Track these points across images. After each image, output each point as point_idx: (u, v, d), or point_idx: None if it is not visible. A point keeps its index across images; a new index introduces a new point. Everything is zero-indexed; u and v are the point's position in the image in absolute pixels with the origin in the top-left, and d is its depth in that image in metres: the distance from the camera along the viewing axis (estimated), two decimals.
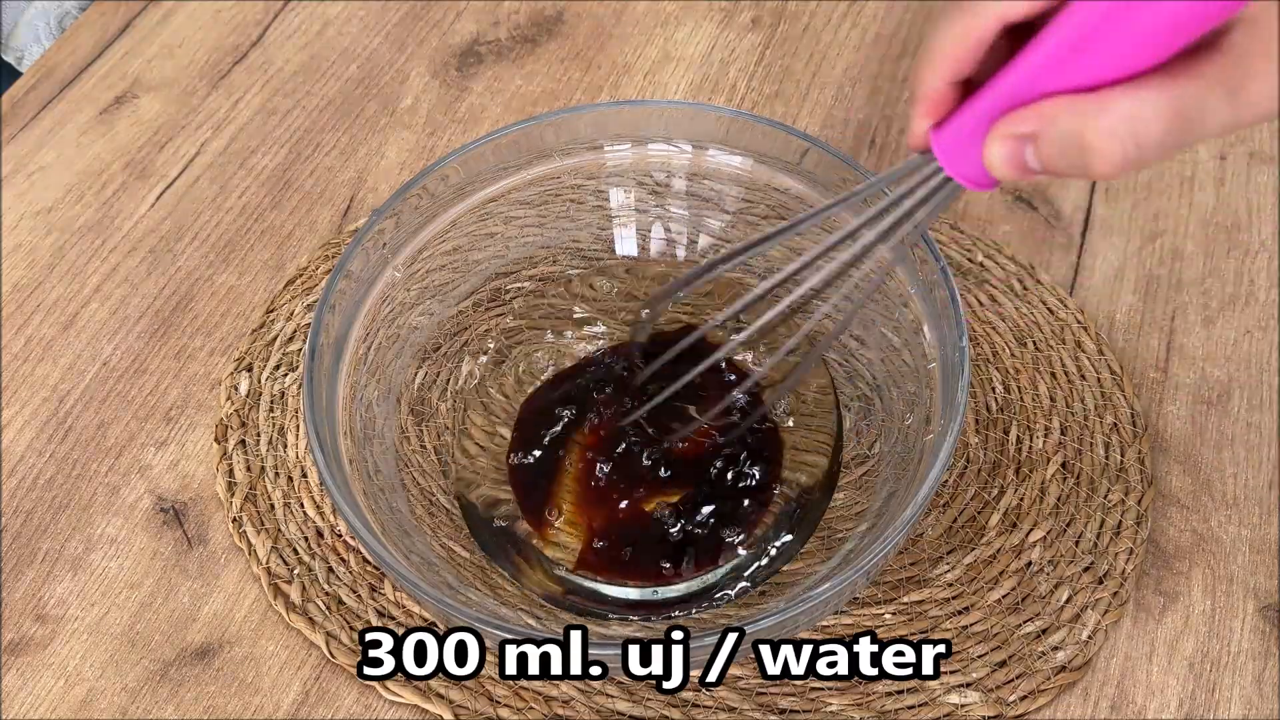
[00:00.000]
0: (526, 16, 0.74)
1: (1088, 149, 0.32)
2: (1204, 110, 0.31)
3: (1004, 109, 0.34)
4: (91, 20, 0.74)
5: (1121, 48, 0.30)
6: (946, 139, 0.36)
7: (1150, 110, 0.31)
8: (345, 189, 0.66)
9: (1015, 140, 0.33)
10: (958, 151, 0.36)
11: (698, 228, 0.57)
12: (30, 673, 0.50)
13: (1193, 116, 0.31)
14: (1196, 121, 0.31)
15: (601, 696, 0.49)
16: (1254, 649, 0.50)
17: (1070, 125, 0.32)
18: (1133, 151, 0.31)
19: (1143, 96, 0.31)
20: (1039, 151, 0.33)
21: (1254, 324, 0.60)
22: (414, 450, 0.53)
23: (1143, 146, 0.31)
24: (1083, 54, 0.31)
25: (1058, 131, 0.32)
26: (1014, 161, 0.34)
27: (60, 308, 0.61)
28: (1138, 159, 0.32)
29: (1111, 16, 0.30)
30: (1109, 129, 0.31)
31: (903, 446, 0.50)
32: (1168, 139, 0.31)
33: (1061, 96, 0.32)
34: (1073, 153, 0.32)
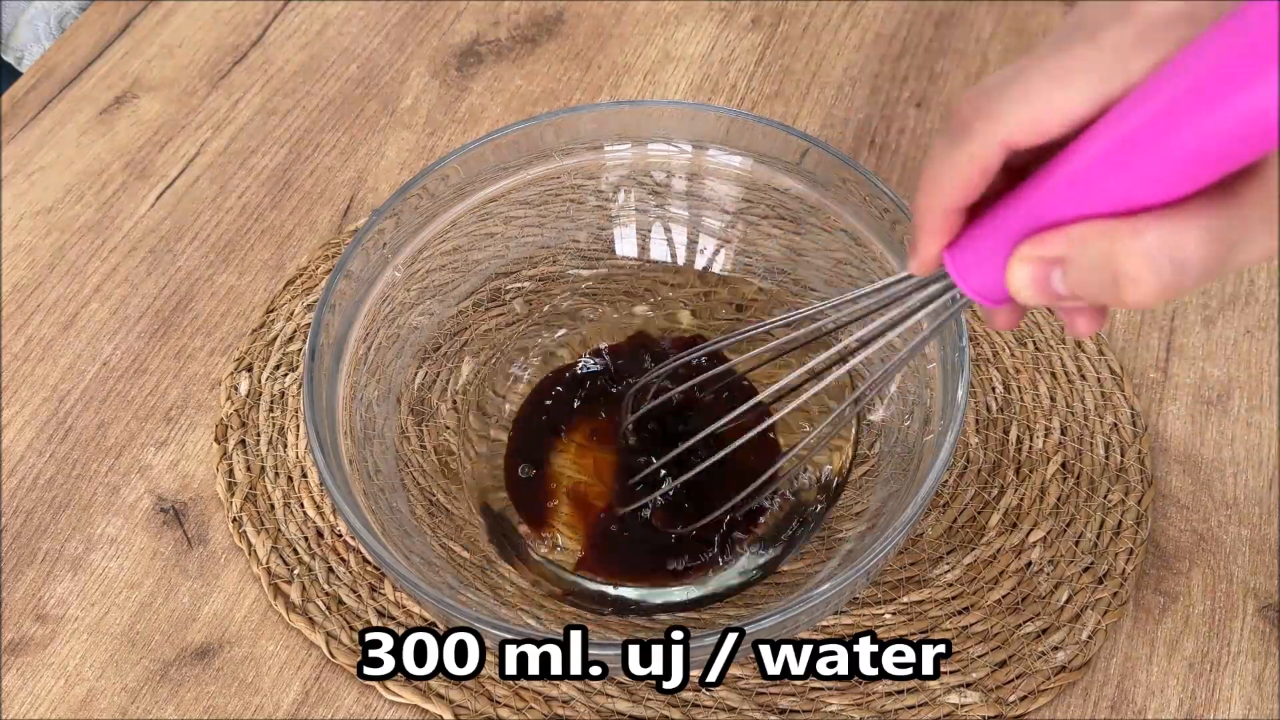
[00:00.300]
0: (526, 16, 0.74)
1: (1121, 275, 0.30)
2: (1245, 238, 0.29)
3: (1026, 229, 0.32)
4: (91, 20, 0.74)
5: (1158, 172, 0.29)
6: (961, 258, 0.35)
7: (1190, 237, 0.29)
8: (345, 189, 0.66)
9: (1041, 264, 0.32)
10: (974, 270, 0.35)
11: (698, 228, 0.57)
12: (30, 673, 0.50)
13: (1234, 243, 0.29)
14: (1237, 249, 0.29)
15: (601, 696, 0.49)
16: (1254, 649, 0.50)
17: (1102, 250, 0.30)
18: (1169, 279, 0.29)
19: (1181, 222, 0.29)
20: (1067, 276, 0.31)
21: (1254, 324, 0.60)
22: (414, 450, 0.53)
23: (1180, 274, 0.29)
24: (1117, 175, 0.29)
25: (1088, 256, 0.30)
26: (1039, 285, 0.32)
27: (60, 308, 0.61)
28: (1175, 286, 0.30)
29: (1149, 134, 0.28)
30: (1144, 255, 0.29)
31: (903, 446, 0.50)
32: (1207, 267, 0.29)
33: (1094, 220, 0.30)
34: (1105, 279, 0.30)
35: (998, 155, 0.32)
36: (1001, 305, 0.35)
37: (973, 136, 0.32)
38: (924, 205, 0.35)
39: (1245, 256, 0.30)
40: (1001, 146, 0.32)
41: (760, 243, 0.56)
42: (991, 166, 0.33)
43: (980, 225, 0.34)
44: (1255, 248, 0.30)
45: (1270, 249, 0.30)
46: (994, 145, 0.32)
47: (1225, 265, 0.30)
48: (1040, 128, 0.31)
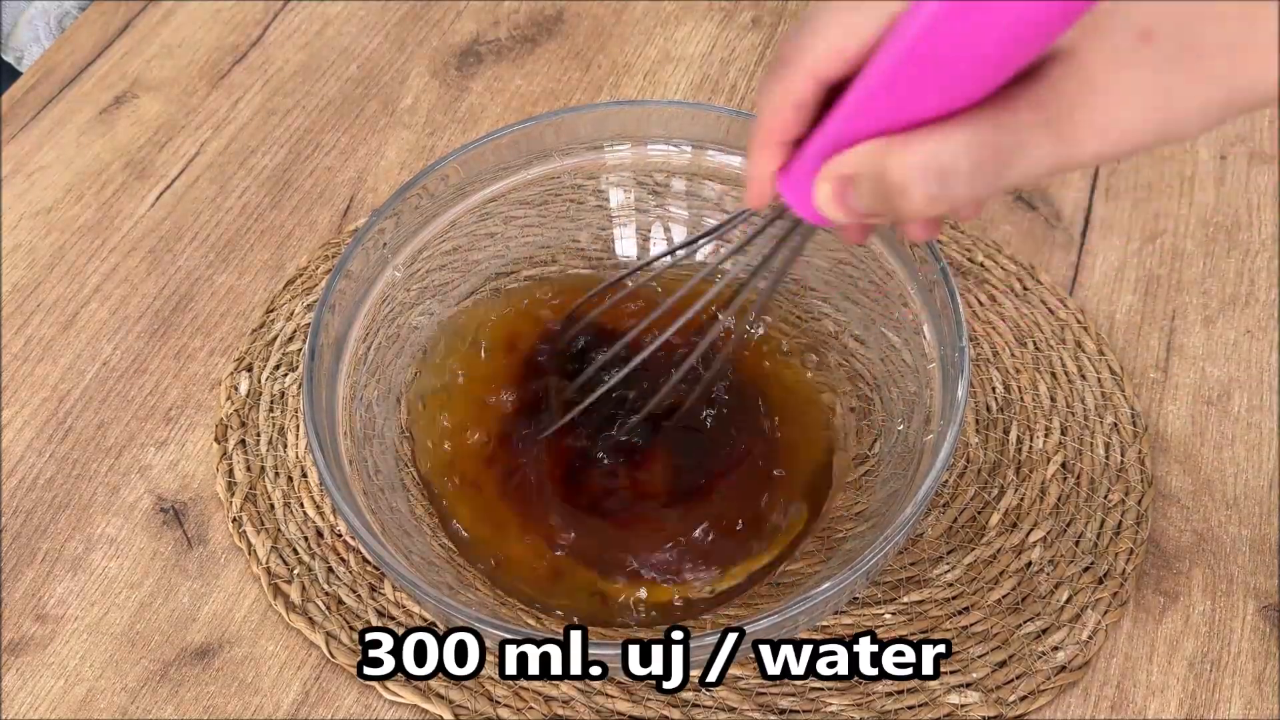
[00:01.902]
0: (526, 16, 0.74)
1: (892, 188, 0.31)
2: (1021, 145, 0.29)
3: (832, 150, 0.33)
4: (91, 20, 0.74)
5: (931, 84, 0.29)
6: (790, 181, 0.36)
7: (957, 146, 0.30)
8: (345, 189, 0.66)
9: (838, 180, 0.33)
10: (801, 191, 0.36)
11: (697, 228, 0.57)
12: (30, 672, 0.50)
13: (1006, 151, 0.29)
14: (1013, 157, 0.29)
15: (601, 696, 0.49)
16: (1254, 649, 0.50)
17: (877, 164, 0.31)
18: (935, 189, 0.30)
19: (949, 132, 0.30)
20: (857, 192, 0.33)
21: (1254, 324, 0.60)
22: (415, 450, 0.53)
23: (946, 183, 0.30)
24: (894, 93, 0.30)
25: (868, 171, 0.32)
26: (840, 202, 0.33)
27: (60, 308, 0.61)
28: (943, 196, 0.30)
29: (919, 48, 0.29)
30: (912, 166, 0.30)
31: (903, 446, 0.50)
32: (978, 176, 0.30)
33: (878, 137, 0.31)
34: (881, 192, 0.31)
35: (808, 87, 0.33)
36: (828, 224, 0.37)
37: (784, 71, 0.33)
38: (751, 136, 0.36)
39: (1027, 165, 0.30)
40: (809, 77, 0.33)
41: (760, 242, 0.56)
42: (805, 99, 0.34)
43: (803, 150, 0.35)
44: (1036, 155, 0.29)
45: (1059, 157, 0.30)
46: (802, 77, 0.33)
47: (999, 176, 0.30)
48: (841, 55, 0.32)
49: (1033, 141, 0.29)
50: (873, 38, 0.31)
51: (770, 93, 0.34)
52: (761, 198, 0.38)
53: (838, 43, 0.32)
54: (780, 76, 0.34)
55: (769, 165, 0.36)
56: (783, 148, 0.36)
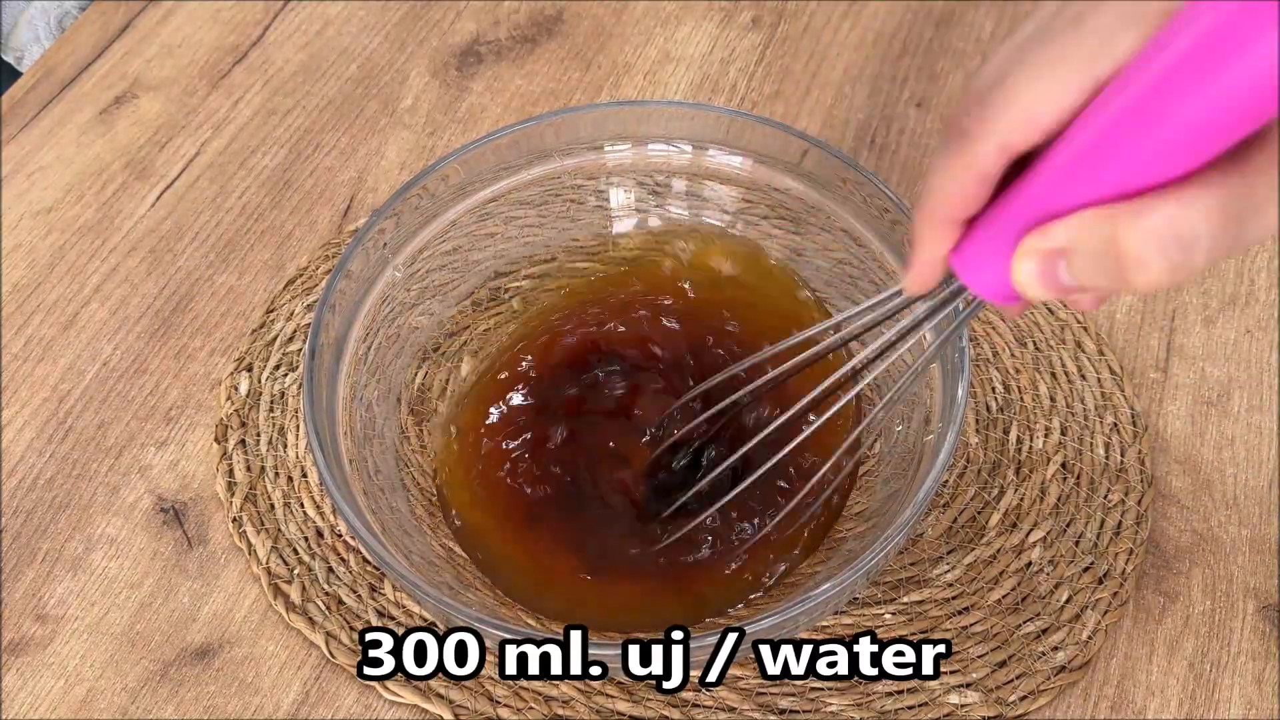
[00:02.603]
0: (526, 16, 0.74)
1: (1126, 259, 0.29)
2: (1255, 209, 0.28)
3: (1029, 223, 0.31)
4: (91, 20, 0.74)
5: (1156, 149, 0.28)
6: (967, 258, 0.34)
7: (1196, 212, 0.28)
8: (345, 189, 0.66)
9: (1045, 256, 0.31)
10: (979, 270, 0.34)
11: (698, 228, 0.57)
12: (30, 673, 0.50)
13: (1243, 216, 0.28)
14: (1248, 222, 0.28)
15: (601, 696, 0.49)
16: (1254, 649, 0.50)
17: (1105, 235, 0.29)
18: (1177, 258, 0.28)
19: (1185, 199, 0.28)
20: (1072, 267, 0.30)
21: (1254, 324, 0.60)
22: (414, 450, 0.53)
23: (1188, 252, 0.28)
24: (1113, 157, 0.28)
25: (1091, 244, 0.29)
26: (1046, 279, 0.31)
27: (60, 308, 0.61)
28: (1184, 265, 0.28)
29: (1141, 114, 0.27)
30: (1148, 235, 0.28)
31: (903, 446, 0.50)
32: (1216, 242, 0.28)
33: (1095, 207, 0.29)
34: (1110, 265, 0.29)
35: (996, 160, 0.31)
36: (1011, 303, 0.35)
37: (969, 144, 0.31)
38: (925, 217, 0.34)
39: (1257, 230, 0.28)
40: (999, 150, 0.31)
41: (760, 243, 0.56)
42: (990, 173, 0.32)
43: (983, 224, 0.33)
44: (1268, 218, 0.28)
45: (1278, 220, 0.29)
46: (991, 151, 0.31)
47: (1237, 240, 0.28)
48: (1035, 125, 0.30)
49: (1264, 206, 0.28)
50: (1074, 105, 0.30)
51: (948, 169, 0.32)
52: (928, 281, 0.36)
53: (1034, 112, 0.30)
54: (962, 149, 0.31)
55: (943, 246, 0.34)
56: (959, 227, 0.34)
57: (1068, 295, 0.32)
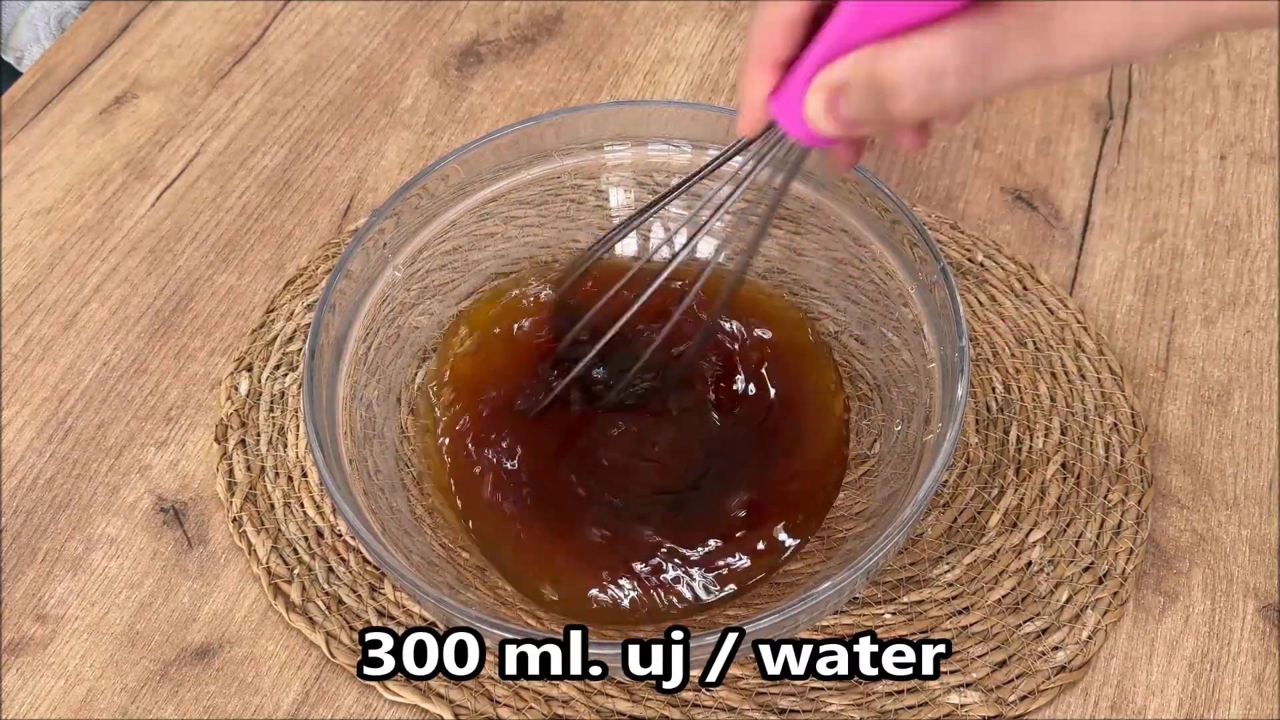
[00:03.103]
0: (526, 16, 0.74)
1: (883, 89, 0.32)
2: (1006, 48, 0.30)
3: (825, 63, 0.34)
4: (91, 20, 0.74)
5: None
6: (782, 102, 0.37)
7: (946, 46, 0.31)
8: (345, 189, 0.66)
9: (829, 90, 0.34)
10: (793, 111, 0.36)
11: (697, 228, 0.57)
12: (30, 672, 0.50)
13: (993, 53, 0.30)
14: (997, 60, 0.31)
15: (601, 696, 0.49)
16: (1254, 649, 0.50)
17: (868, 67, 0.32)
18: (925, 87, 0.31)
19: (936, 34, 0.31)
20: (848, 100, 0.33)
21: (1254, 324, 0.60)
22: (414, 450, 0.53)
23: (935, 82, 0.31)
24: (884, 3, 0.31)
25: (859, 75, 0.32)
26: (831, 112, 0.34)
27: (60, 308, 0.61)
28: (933, 95, 0.31)
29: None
30: (902, 66, 0.31)
31: (903, 446, 0.50)
32: (967, 76, 0.31)
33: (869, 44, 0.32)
34: (873, 95, 0.32)
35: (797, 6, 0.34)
36: (826, 144, 0.37)
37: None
38: (744, 59, 0.37)
39: (1008, 69, 0.31)
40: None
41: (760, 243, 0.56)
42: (794, 19, 0.35)
43: (794, 70, 0.36)
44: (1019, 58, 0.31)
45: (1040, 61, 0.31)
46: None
47: (986, 78, 0.31)
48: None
49: (1017, 44, 0.30)
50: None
51: (763, 13, 0.35)
52: (754, 122, 0.38)
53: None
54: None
55: (762, 88, 0.37)
56: (775, 69, 0.36)
57: (853, 130, 0.34)
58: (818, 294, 0.56)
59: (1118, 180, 0.66)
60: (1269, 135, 0.67)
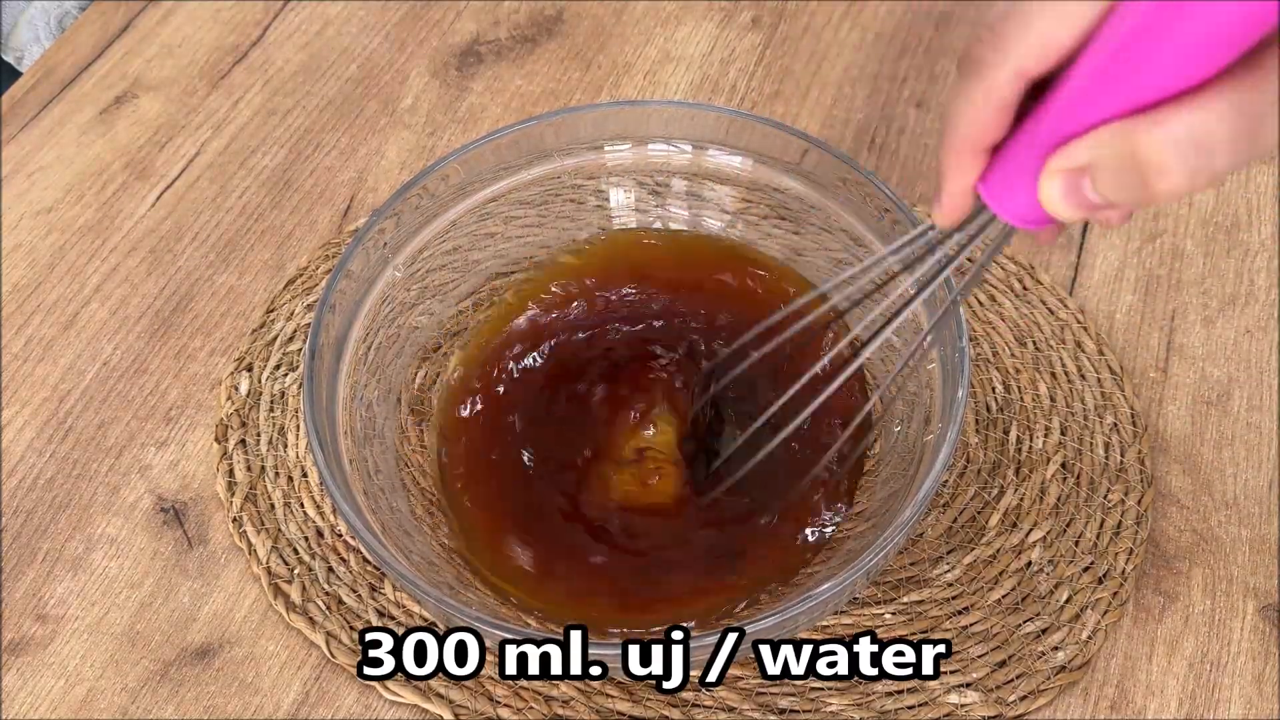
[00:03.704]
0: (526, 16, 0.74)
1: (1146, 167, 0.29)
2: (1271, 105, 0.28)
3: (1053, 144, 0.32)
4: (91, 20, 0.74)
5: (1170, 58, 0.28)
6: (995, 185, 0.35)
7: (1212, 115, 0.28)
8: (345, 189, 0.66)
9: (1069, 174, 0.31)
10: (1009, 195, 0.34)
11: (697, 228, 0.58)
12: (30, 672, 0.50)
13: (1262, 114, 0.28)
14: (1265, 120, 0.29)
15: (601, 696, 0.49)
16: (1254, 649, 0.50)
17: (1125, 147, 0.30)
18: (1196, 162, 0.29)
19: (1201, 104, 0.28)
20: (1096, 181, 0.31)
21: (1254, 324, 0.60)
22: (414, 450, 0.53)
23: (1208, 156, 0.29)
24: (1130, 70, 0.29)
25: (1113, 156, 0.30)
26: (1071, 196, 0.32)
27: (60, 308, 0.61)
28: (1204, 169, 0.29)
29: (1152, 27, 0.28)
30: (1166, 141, 0.29)
31: (903, 446, 0.50)
32: (1236, 144, 0.29)
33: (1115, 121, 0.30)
34: (1132, 176, 0.30)
35: (1013, 86, 0.32)
36: (1041, 226, 0.35)
37: (985, 71, 0.32)
38: (949, 148, 0.34)
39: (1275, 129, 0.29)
40: (1016, 76, 0.32)
41: (760, 243, 0.56)
42: (1008, 99, 0.32)
43: (1007, 151, 0.34)
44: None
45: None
46: (1008, 76, 0.32)
47: (1256, 142, 0.29)
48: (1050, 49, 0.31)
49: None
50: (1087, 27, 0.30)
51: (968, 98, 0.32)
52: (958, 212, 0.36)
53: (1049, 35, 0.31)
54: (980, 77, 0.32)
55: (969, 176, 0.35)
56: (983, 156, 0.34)
57: (1095, 213, 0.32)
58: None
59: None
60: None
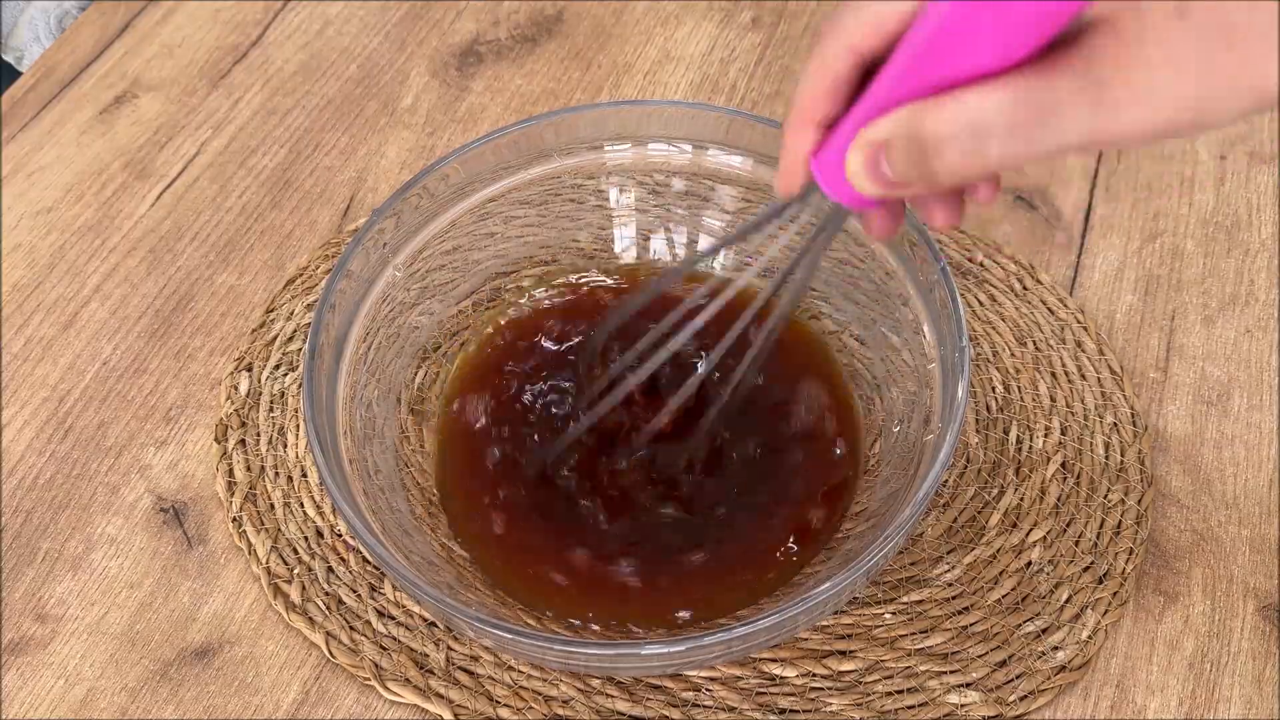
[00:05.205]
0: (526, 16, 0.74)
1: (926, 148, 0.30)
2: (1058, 106, 0.29)
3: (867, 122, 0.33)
4: (91, 20, 0.74)
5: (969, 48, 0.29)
6: (823, 160, 0.36)
7: (993, 103, 0.29)
8: (345, 189, 0.66)
9: (871, 147, 0.32)
10: (834, 171, 0.35)
11: (697, 228, 0.58)
12: (30, 672, 0.50)
13: (1043, 113, 0.29)
14: (1049, 119, 0.29)
15: (601, 696, 0.49)
16: (1254, 649, 0.50)
17: (912, 124, 0.31)
18: (969, 145, 0.30)
19: (984, 91, 0.29)
20: (890, 158, 0.32)
21: (1254, 324, 0.60)
22: (414, 450, 0.53)
23: (980, 140, 0.29)
24: (933, 57, 0.30)
25: (902, 132, 0.31)
26: (872, 171, 0.33)
27: (60, 308, 0.61)
28: (978, 156, 0.30)
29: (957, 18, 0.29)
30: (945, 124, 0.30)
31: (903, 446, 0.50)
32: (1014, 135, 0.29)
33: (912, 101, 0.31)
34: (915, 154, 0.31)
35: (845, 61, 0.33)
36: (861, 206, 0.36)
37: (823, 45, 0.33)
38: (789, 119, 0.36)
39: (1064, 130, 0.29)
40: (848, 51, 0.33)
41: (760, 243, 0.56)
42: (841, 74, 0.33)
43: (837, 127, 0.35)
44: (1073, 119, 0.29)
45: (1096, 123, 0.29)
46: (841, 51, 0.33)
47: (1034, 139, 0.29)
48: (878, 28, 0.32)
49: (1071, 104, 0.29)
50: (909, 11, 0.31)
51: (806, 71, 0.34)
52: (793, 181, 0.37)
53: (876, 16, 0.32)
54: (818, 53, 0.33)
55: (803, 146, 0.36)
56: (817, 128, 0.35)
57: (894, 191, 0.33)
58: (818, 294, 0.56)
59: (1118, 180, 0.66)
60: (1269, 135, 0.67)
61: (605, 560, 0.49)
